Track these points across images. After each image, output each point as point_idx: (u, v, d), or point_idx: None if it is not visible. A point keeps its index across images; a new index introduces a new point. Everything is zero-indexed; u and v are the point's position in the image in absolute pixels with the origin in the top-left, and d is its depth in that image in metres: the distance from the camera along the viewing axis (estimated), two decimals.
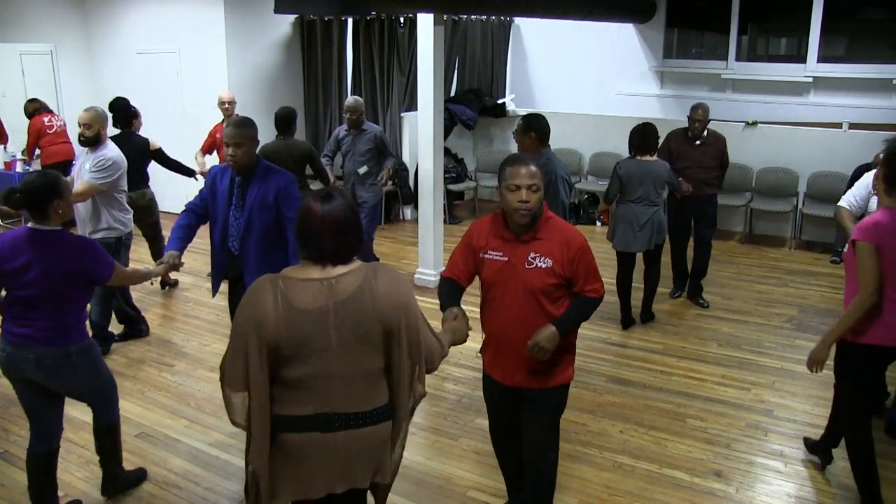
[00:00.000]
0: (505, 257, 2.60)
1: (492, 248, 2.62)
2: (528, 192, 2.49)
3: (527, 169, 2.51)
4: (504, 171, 2.55)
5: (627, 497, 3.32)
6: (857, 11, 8.38)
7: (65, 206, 2.85)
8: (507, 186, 2.52)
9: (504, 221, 2.62)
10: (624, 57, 9.02)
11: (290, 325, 1.98)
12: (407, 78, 8.06)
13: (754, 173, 7.67)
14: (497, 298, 2.64)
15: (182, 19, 8.00)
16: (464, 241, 2.72)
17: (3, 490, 3.31)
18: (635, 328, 5.29)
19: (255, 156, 3.43)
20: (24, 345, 2.83)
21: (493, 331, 2.72)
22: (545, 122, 3.98)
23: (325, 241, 2.02)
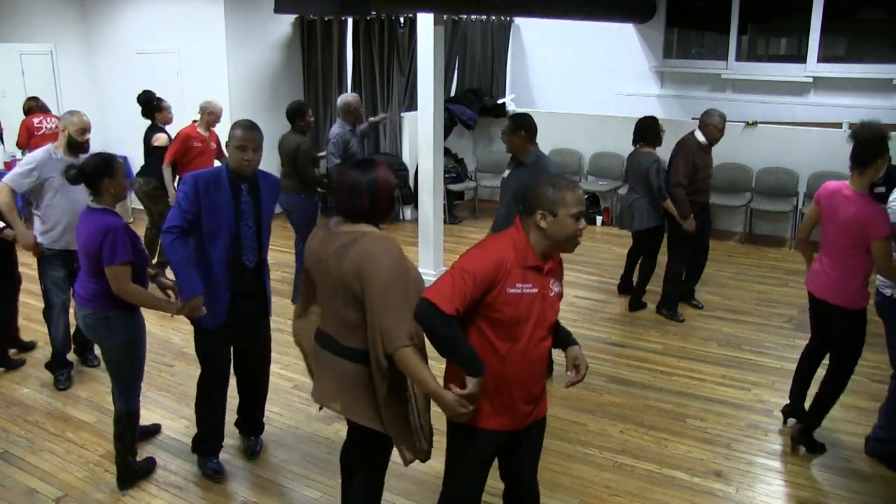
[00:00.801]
0: (535, 288, 2.26)
1: (520, 281, 2.23)
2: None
3: (581, 192, 2.29)
4: (563, 195, 2.22)
5: (627, 497, 3.32)
6: (857, 11, 8.39)
7: (116, 186, 3.13)
8: (571, 214, 2.22)
9: (530, 247, 2.27)
10: (624, 57, 9.02)
11: (308, 256, 2.54)
12: (407, 78, 8.06)
13: (754, 173, 7.67)
14: (524, 337, 2.28)
15: (182, 19, 8.00)
16: (481, 270, 2.19)
17: (3, 490, 3.31)
18: (636, 328, 5.29)
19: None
20: (77, 303, 3.26)
21: (512, 376, 2.31)
22: (532, 120, 4.11)
23: (340, 199, 2.43)
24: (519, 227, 2.31)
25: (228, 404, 3.55)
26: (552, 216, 2.22)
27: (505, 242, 2.28)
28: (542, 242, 2.26)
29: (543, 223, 2.23)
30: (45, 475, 3.43)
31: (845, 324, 3.44)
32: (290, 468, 3.53)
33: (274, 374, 4.50)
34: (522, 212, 2.31)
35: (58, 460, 3.55)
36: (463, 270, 2.19)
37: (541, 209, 2.23)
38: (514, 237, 2.28)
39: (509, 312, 2.23)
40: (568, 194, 2.23)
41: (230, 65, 7.83)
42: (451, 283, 2.17)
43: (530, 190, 2.29)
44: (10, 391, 4.24)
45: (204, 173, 3.17)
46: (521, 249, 2.25)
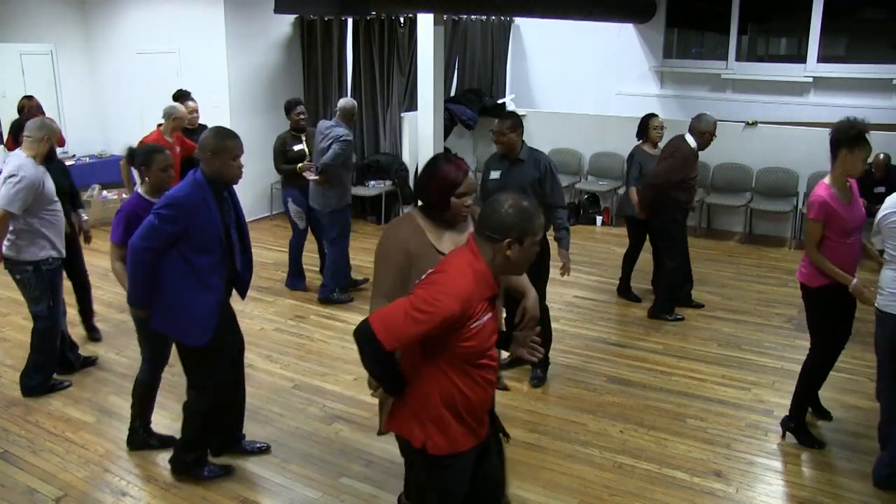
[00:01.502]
0: (490, 313, 2.18)
1: (481, 313, 2.12)
2: None
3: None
4: (532, 223, 2.12)
5: (627, 497, 3.32)
6: (857, 11, 8.39)
7: (149, 175, 3.41)
8: (536, 242, 2.15)
9: (490, 276, 2.15)
10: (624, 57, 9.02)
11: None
12: (407, 78, 8.06)
13: (754, 173, 7.67)
14: (486, 359, 2.21)
15: (182, 19, 8.00)
16: (446, 312, 2.03)
17: (3, 490, 3.31)
18: (636, 328, 5.29)
19: None
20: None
21: (480, 396, 2.25)
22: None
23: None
24: (477, 253, 2.14)
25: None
26: (519, 245, 2.10)
27: (467, 275, 2.09)
28: (503, 269, 2.16)
29: (510, 252, 2.10)
30: (45, 475, 3.43)
31: (808, 302, 3.62)
32: (290, 468, 3.53)
33: (274, 374, 4.51)
34: (483, 237, 2.14)
35: (58, 460, 3.54)
36: (423, 311, 2.03)
37: (509, 237, 2.09)
38: (475, 267, 2.12)
39: (473, 345, 2.13)
40: (536, 222, 2.13)
41: (230, 65, 7.83)
42: (405, 320, 2.03)
43: (495, 213, 2.12)
44: (10, 391, 4.24)
45: (187, 197, 3.02)
46: (482, 281, 2.11)
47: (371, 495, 3.28)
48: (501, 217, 2.11)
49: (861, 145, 3.42)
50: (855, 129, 3.42)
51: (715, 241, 7.57)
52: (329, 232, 5.66)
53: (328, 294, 5.71)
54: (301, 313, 5.54)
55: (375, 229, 8.00)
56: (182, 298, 3.09)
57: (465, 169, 2.50)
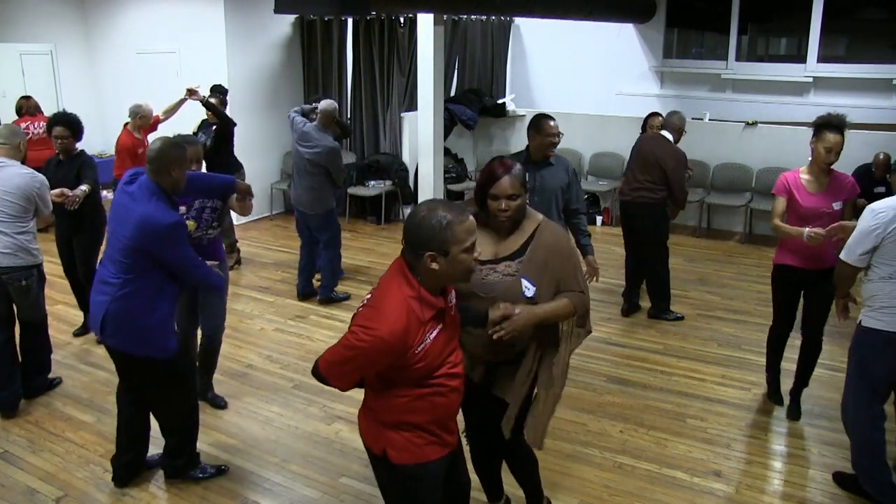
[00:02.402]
0: (438, 326, 2.09)
1: (423, 335, 2.03)
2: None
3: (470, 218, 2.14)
4: (453, 231, 1.98)
5: (627, 497, 3.32)
6: (857, 11, 8.39)
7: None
8: (464, 249, 2.02)
9: (424, 296, 2.03)
10: (624, 57, 9.02)
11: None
12: (407, 78, 8.06)
13: (754, 173, 7.67)
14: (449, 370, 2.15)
15: (182, 19, 8.00)
16: (381, 349, 1.96)
17: (3, 490, 3.31)
18: (636, 328, 5.29)
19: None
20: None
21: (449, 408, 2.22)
22: None
23: None
24: (408, 274, 2.03)
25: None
26: (444, 256, 1.97)
27: (399, 304, 1.98)
28: (436, 282, 2.04)
29: (435, 265, 1.98)
30: (45, 475, 3.43)
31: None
32: (290, 468, 3.53)
33: (274, 374, 4.51)
34: (407, 252, 2.04)
35: (58, 460, 3.54)
36: (359, 349, 1.96)
37: (429, 250, 1.97)
38: (405, 293, 2.00)
39: (423, 366, 2.04)
40: (458, 228, 1.97)
41: (230, 65, 7.83)
42: (344, 359, 2.00)
43: (411, 227, 2.00)
44: None
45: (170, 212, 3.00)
46: (417, 306, 2.00)
47: (371, 495, 3.28)
48: (416, 231, 1.99)
49: (820, 134, 3.58)
50: (822, 119, 3.62)
51: (715, 241, 7.57)
52: (323, 234, 5.64)
53: (328, 294, 5.71)
54: (301, 313, 5.54)
55: (375, 229, 8.00)
56: (157, 314, 3.01)
57: (508, 167, 2.41)
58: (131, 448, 3.35)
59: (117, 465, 3.36)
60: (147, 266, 2.95)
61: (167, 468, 3.39)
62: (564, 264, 2.48)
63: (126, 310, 2.96)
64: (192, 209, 3.54)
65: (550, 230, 2.51)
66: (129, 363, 3.13)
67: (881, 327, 3.01)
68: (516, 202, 2.42)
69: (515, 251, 2.47)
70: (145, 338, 3.01)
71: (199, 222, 3.59)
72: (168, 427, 3.32)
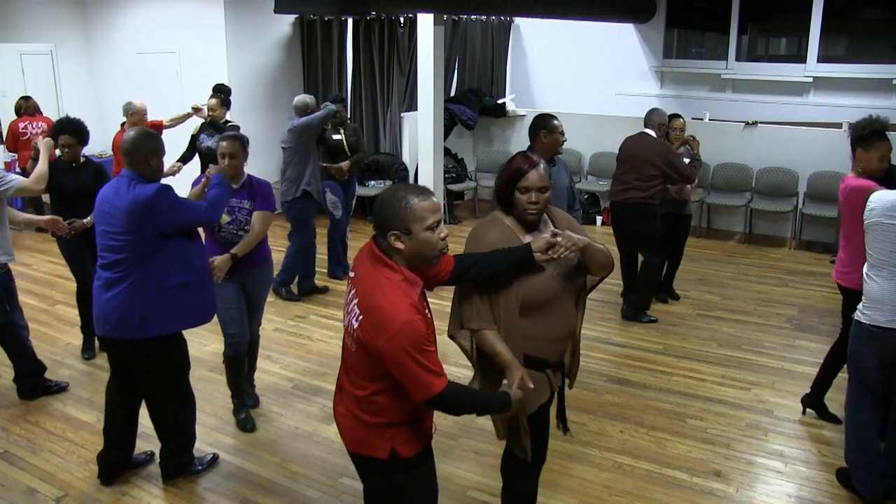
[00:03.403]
0: (427, 309, 2.16)
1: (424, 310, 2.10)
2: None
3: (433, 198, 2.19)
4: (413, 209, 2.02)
5: (627, 497, 3.32)
6: (857, 11, 8.39)
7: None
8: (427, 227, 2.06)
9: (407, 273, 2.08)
10: (624, 57, 9.02)
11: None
12: (407, 78, 8.06)
13: (754, 173, 7.67)
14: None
15: (182, 19, 8.00)
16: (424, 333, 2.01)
17: (3, 490, 3.31)
18: (636, 328, 5.29)
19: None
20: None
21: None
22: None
23: None
24: (386, 260, 2.06)
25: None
26: (406, 234, 2.01)
27: (395, 290, 2.01)
28: (407, 263, 2.07)
29: (399, 244, 2.02)
30: (45, 475, 3.43)
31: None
32: (290, 468, 3.53)
33: (274, 374, 4.51)
34: (378, 238, 2.09)
35: (58, 460, 3.55)
36: (418, 348, 1.97)
37: (392, 229, 2.01)
38: (396, 280, 2.03)
39: (434, 349, 2.08)
40: (417, 205, 2.01)
41: (230, 65, 7.83)
42: (422, 364, 1.98)
43: (375, 209, 2.08)
44: (11, 391, 4.24)
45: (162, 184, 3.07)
46: (408, 286, 2.03)
47: None
48: (380, 212, 2.06)
49: (875, 143, 3.34)
50: (868, 127, 3.36)
51: (715, 241, 7.57)
52: (291, 224, 5.77)
53: (276, 286, 5.74)
54: (301, 313, 5.54)
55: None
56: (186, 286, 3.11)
57: (534, 163, 2.39)
58: (118, 447, 3.37)
59: (103, 462, 3.38)
60: (144, 254, 2.98)
61: (169, 468, 3.39)
62: (580, 231, 2.51)
63: (148, 295, 3.01)
64: (228, 204, 3.61)
65: (555, 212, 2.59)
66: (134, 355, 3.15)
67: (864, 320, 3.08)
68: (545, 195, 2.41)
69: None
70: (172, 314, 3.09)
71: (232, 218, 3.66)
72: (170, 425, 3.33)
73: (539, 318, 2.44)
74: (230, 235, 3.66)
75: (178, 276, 3.08)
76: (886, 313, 2.99)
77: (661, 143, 5.18)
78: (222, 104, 6.08)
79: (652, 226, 5.25)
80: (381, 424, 2.15)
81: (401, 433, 2.17)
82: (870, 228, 3.05)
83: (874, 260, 3.04)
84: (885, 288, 2.99)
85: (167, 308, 3.07)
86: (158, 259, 3.02)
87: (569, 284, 2.48)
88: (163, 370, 3.23)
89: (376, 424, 2.15)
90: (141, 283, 3.01)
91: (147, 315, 3.03)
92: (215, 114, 6.02)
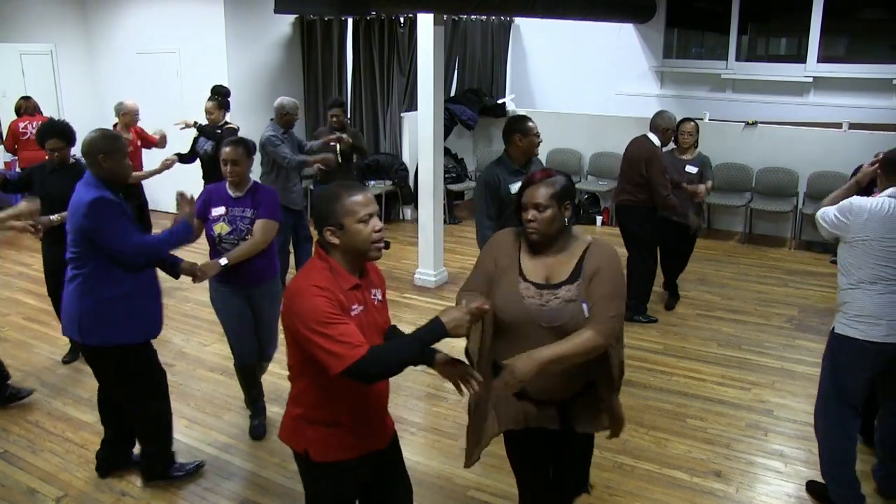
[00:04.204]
0: (362, 306, 2.15)
1: (349, 305, 2.10)
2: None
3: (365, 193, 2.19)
4: (343, 204, 2.08)
5: (627, 497, 3.32)
6: (857, 11, 8.39)
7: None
8: (359, 220, 2.09)
9: (341, 269, 2.12)
10: (624, 57, 9.02)
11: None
12: (407, 78, 8.06)
13: (754, 173, 7.67)
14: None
15: (182, 19, 8.00)
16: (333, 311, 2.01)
17: (3, 490, 3.31)
18: (636, 328, 5.28)
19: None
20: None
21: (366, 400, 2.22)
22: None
23: None
24: (320, 252, 2.14)
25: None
26: (340, 229, 2.07)
27: (315, 276, 2.07)
28: (344, 258, 2.11)
29: (335, 239, 2.08)
30: (45, 475, 3.43)
31: None
32: (290, 468, 3.53)
33: (273, 374, 4.51)
34: (319, 236, 2.15)
35: (58, 460, 3.55)
36: (320, 321, 1.97)
37: (327, 225, 2.08)
38: (321, 267, 2.09)
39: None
40: (348, 200, 2.07)
41: (230, 65, 7.83)
42: (328, 336, 1.96)
43: (313, 208, 2.17)
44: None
45: (106, 194, 2.96)
46: (332, 276, 2.08)
47: None
48: (316, 210, 2.14)
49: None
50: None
51: (715, 241, 7.57)
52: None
53: None
54: None
55: None
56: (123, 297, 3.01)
57: (547, 176, 2.27)
58: (113, 441, 3.40)
59: (98, 454, 3.42)
60: (83, 259, 2.97)
61: (145, 471, 3.38)
62: (604, 285, 2.25)
63: (85, 302, 2.98)
64: (230, 214, 3.52)
65: (601, 248, 2.33)
66: (94, 358, 3.15)
67: (856, 335, 2.97)
68: (544, 214, 2.24)
69: (571, 275, 2.29)
70: (107, 326, 3.00)
71: (233, 228, 3.52)
72: (136, 428, 3.33)
73: (505, 340, 2.29)
74: (231, 246, 3.50)
75: (115, 287, 3.00)
76: (883, 328, 2.90)
77: (649, 149, 5.10)
78: (219, 107, 5.99)
79: (643, 229, 5.24)
80: (299, 416, 2.18)
81: (317, 434, 2.16)
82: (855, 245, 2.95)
83: (865, 275, 2.93)
84: (879, 302, 2.90)
85: (101, 319, 3.01)
86: (95, 266, 2.97)
87: (551, 316, 2.25)
88: (110, 378, 3.20)
89: (296, 416, 2.19)
90: (82, 287, 2.99)
91: (84, 323, 3.01)
92: (212, 116, 5.96)
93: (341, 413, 2.15)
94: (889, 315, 2.90)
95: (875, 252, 2.90)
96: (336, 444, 2.16)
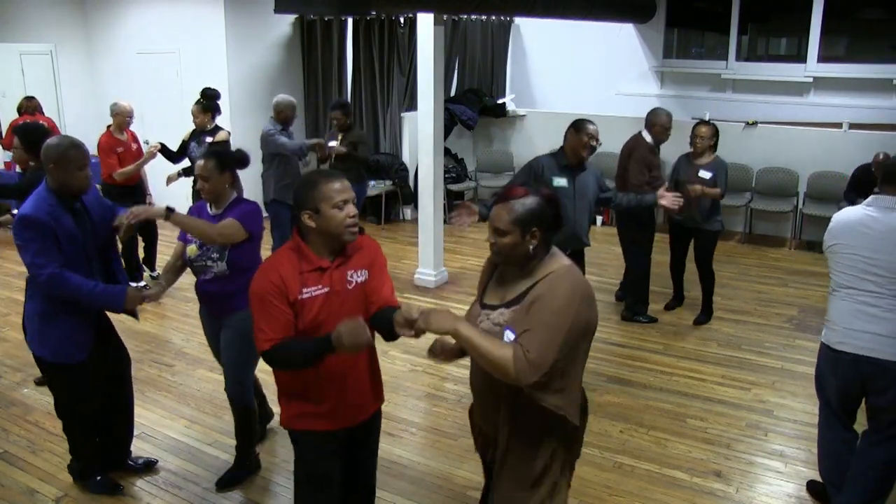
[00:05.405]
0: (325, 288, 2.26)
1: (304, 286, 2.24)
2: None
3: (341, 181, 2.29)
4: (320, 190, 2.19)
5: (627, 497, 3.32)
6: (857, 11, 8.39)
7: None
8: (334, 205, 2.19)
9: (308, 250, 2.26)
10: (624, 57, 9.02)
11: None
12: (407, 78, 8.06)
13: (754, 173, 7.67)
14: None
15: (182, 19, 8.00)
16: (271, 290, 2.21)
17: (3, 490, 3.31)
18: (636, 328, 5.29)
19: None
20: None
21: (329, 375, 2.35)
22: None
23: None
24: (295, 235, 2.29)
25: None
26: (316, 213, 2.21)
27: (279, 257, 2.29)
28: (319, 240, 2.26)
29: (311, 222, 2.22)
30: (45, 475, 3.43)
31: None
32: (290, 468, 3.52)
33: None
34: (297, 220, 2.27)
35: (58, 460, 3.54)
36: (261, 299, 2.23)
37: (304, 209, 2.22)
38: (290, 246, 2.29)
39: (307, 317, 2.25)
40: (324, 187, 2.20)
41: (230, 65, 7.83)
42: (264, 317, 2.23)
43: (294, 195, 2.28)
44: (10, 391, 4.25)
45: (35, 212, 2.81)
46: (296, 257, 2.26)
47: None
48: (295, 196, 2.27)
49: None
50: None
51: None
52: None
53: None
54: None
55: (375, 229, 8.01)
56: (57, 315, 2.96)
57: (510, 196, 2.08)
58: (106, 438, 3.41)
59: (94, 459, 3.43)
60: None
61: (69, 468, 3.41)
62: (535, 316, 1.99)
63: (27, 307, 3.06)
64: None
65: (558, 279, 2.04)
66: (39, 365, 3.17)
67: (825, 341, 3.03)
68: (503, 240, 2.06)
69: (514, 298, 2.11)
70: (43, 337, 3.02)
71: (202, 251, 3.14)
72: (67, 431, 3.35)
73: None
74: (201, 267, 3.15)
75: (46, 303, 2.95)
76: (838, 334, 2.94)
77: (632, 145, 5.18)
78: (203, 110, 5.84)
79: (631, 227, 5.25)
80: (279, 390, 2.47)
81: (290, 406, 2.44)
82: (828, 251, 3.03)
83: (833, 281, 3.00)
84: (838, 308, 2.96)
85: (39, 332, 2.99)
86: (32, 279, 2.95)
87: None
88: (50, 387, 3.25)
89: (279, 391, 2.48)
90: (27, 291, 3.07)
91: (30, 331, 3.06)
92: (197, 120, 5.89)
93: (307, 387, 2.37)
94: (843, 322, 2.93)
95: (839, 260, 2.99)
96: (304, 414, 2.41)
